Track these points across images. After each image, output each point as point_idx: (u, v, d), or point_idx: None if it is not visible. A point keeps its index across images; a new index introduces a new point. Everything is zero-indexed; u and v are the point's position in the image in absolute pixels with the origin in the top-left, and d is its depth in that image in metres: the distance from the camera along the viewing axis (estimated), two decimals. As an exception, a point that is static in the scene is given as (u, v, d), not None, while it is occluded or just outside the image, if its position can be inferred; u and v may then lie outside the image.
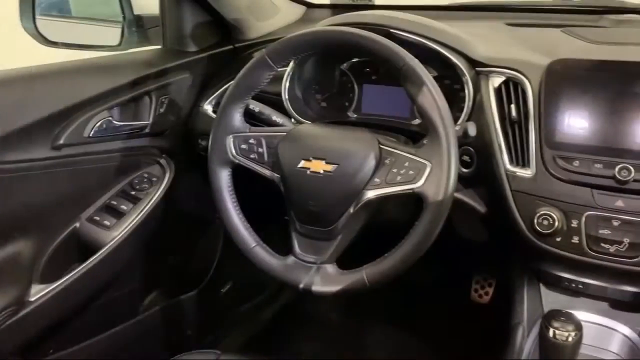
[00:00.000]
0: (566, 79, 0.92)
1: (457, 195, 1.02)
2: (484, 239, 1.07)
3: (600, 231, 0.86)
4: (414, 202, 0.85)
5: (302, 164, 0.90)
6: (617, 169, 0.85)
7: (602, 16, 1.21)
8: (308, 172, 0.89)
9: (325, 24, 1.11)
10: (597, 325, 1.02)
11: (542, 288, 1.07)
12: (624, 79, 0.89)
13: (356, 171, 0.87)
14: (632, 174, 0.84)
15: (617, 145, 0.87)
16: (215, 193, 0.98)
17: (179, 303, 1.45)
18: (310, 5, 1.50)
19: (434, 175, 0.82)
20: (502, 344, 1.04)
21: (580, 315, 1.02)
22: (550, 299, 1.06)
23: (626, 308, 1.02)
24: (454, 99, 1.04)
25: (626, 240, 0.84)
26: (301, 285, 0.91)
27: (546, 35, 1.13)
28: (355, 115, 1.19)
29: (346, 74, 1.19)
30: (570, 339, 0.80)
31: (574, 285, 1.02)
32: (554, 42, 1.07)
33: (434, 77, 1.08)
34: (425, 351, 1.53)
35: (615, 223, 0.85)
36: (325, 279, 0.90)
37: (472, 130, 0.92)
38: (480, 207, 1.00)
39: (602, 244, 0.85)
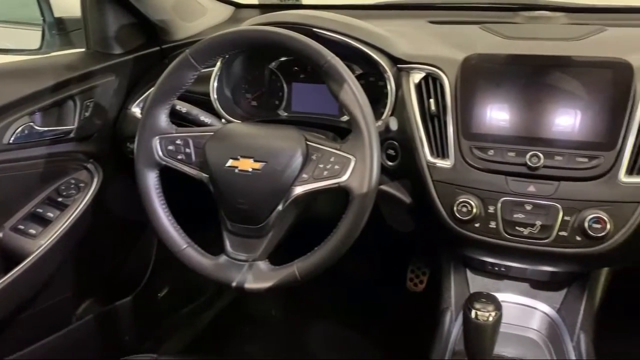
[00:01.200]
0: (480, 73, 0.96)
1: (384, 187, 1.06)
2: (411, 228, 1.11)
3: (515, 215, 0.91)
4: (344, 195, 0.88)
5: (230, 162, 0.91)
6: (528, 156, 0.91)
7: (517, 13, 1.27)
8: (236, 170, 0.90)
9: (249, 23, 1.12)
10: (519, 305, 1.09)
11: (469, 273, 1.13)
12: (534, 71, 0.95)
13: (284, 168, 0.88)
14: (542, 161, 0.90)
15: (528, 134, 0.93)
16: (143, 196, 0.97)
17: (114, 310, 1.42)
18: (239, 6, 1.50)
19: (358, 169, 0.85)
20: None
21: (504, 296, 1.09)
22: (477, 283, 1.12)
23: (545, 287, 1.09)
24: (379, 95, 1.07)
25: (538, 222, 0.90)
26: (234, 284, 0.91)
27: (465, 32, 1.18)
28: (285, 114, 1.21)
29: (275, 72, 1.20)
30: (490, 318, 0.84)
31: (497, 268, 1.08)
32: (472, 38, 1.12)
33: (359, 75, 1.13)
34: (365, 342, 1.56)
35: (528, 207, 0.91)
36: (258, 276, 0.91)
37: (393, 124, 0.95)
38: (406, 198, 1.04)
39: (517, 227, 0.91)
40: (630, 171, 0.88)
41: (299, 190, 0.89)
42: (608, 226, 0.86)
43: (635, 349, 1.35)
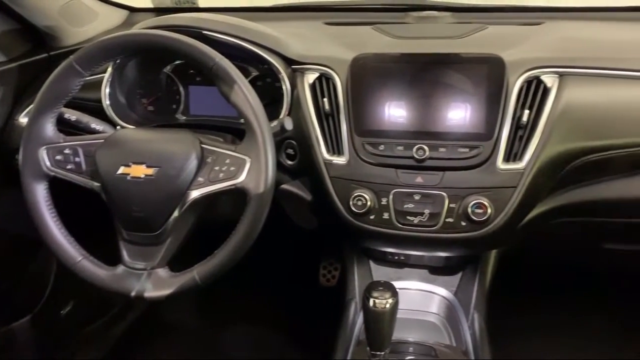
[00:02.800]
0: (368, 72, 1.00)
1: (285, 186, 1.08)
2: (315, 225, 1.14)
3: (405, 206, 0.96)
4: (243, 197, 0.88)
5: (122, 170, 0.89)
6: (414, 149, 0.96)
7: (407, 13, 1.33)
8: (128, 177, 0.88)
9: (139, 27, 1.10)
10: (419, 291, 1.14)
11: (372, 264, 1.17)
12: (419, 69, 1.00)
13: (178, 172, 0.88)
14: (427, 153, 0.95)
15: (414, 128, 0.98)
16: (32, 209, 0.93)
17: (10, 331, 1.34)
18: (133, 10, 1.47)
19: (254, 169, 0.86)
20: None
21: (405, 284, 1.14)
22: (380, 273, 1.16)
23: (442, 273, 1.15)
24: (276, 96, 1.09)
25: (427, 211, 0.95)
26: (133, 293, 0.90)
27: (358, 33, 1.22)
28: (184, 118, 1.19)
29: (171, 76, 1.18)
30: (388, 305, 0.88)
31: (396, 257, 1.13)
32: (364, 38, 1.16)
33: (255, 76, 1.14)
34: (280, 340, 1.58)
35: (417, 197, 0.96)
36: (157, 284, 0.90)
37: (288, 124, 0.97)
38: (307, 195, 1.06)
39: (408, 217, 0.96)
40: (506, 159, 0.95)
41: (195, 194, 0.88)
42: (489, 210, 0.92)
43: (523, 325, 1.47)
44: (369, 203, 0.96)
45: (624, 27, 1.22)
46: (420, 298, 1.13)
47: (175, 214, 0.89)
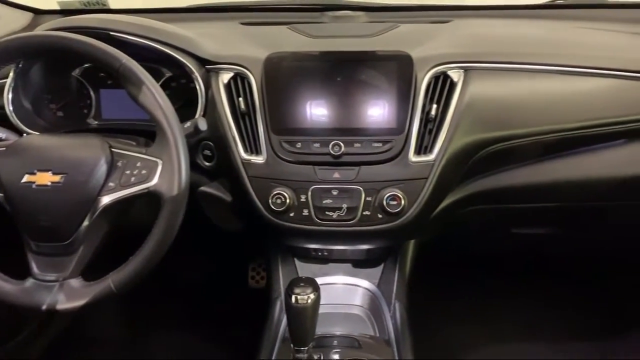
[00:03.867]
0: (282, 71, 1.01)
1: (204, 188, 1.07)
2: (238, 226, 1.13)
3: (324, 201, 0.97)
4: (158, 201, 0.86)
5: (26, 178, 0.85)
6: (330, 146, 0.97)
7: (323, 13, 1.35)
8: (34, 186, 0.84)
9: (43, 28, 1.06)
10: (344, 285, 1.17)
11: (297, 262, 1.18)
12: (333, 67, 1.02)
13: (87, 178, 0.85)
14: (343, 149, 0.97)
15: (330, 125, 1.00)
16: None
17: None
18: (38, 12, 1.40)
19: (166, 172, 0.84)
20: None
21: (331, 279, 1.16)
22: (305, 270, 1.17)
23: (365, 265, 1.17)
24: (192, 97, 1.07)
25: (344, 205, 0.97)
26: (44, 307, 0.86)
27: (274, 32, 1.23)
28: (96, 122, 1.15)
29: (80, 80, 1.14)
30: (309, 301, 0.89)
31: (320, 253, 1.14)
32: (280, 38, 1.17)
33: (169, 78, 1.12)
34: (210, 344, 1.56)
35: (335, 192, 0.97)
36: (70, 295, 0.86)
37: (202, 125, 0.96)
38: (226, 197, 1.06)
39: (327, 212, 0.97)
40: (417, 151, 0.98)
41: (106, 200, 0.86)
42: (403, 202, 0.96)
43: (445, 310, 1.53)
44: (288, 201, 0.97)
45: (525, 24, 1.30)
46: (345, 292, 1.15)
47: (86, 221, 0.86)
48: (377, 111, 1.00)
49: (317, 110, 1.00)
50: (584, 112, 1.03)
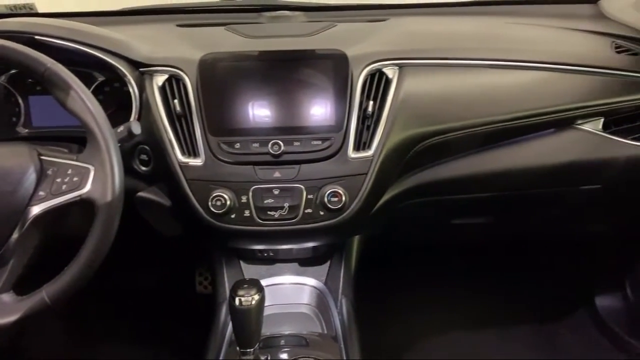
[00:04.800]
0: (218, 71, 1.00)
1: (142, 194, 1.04)
2: (180, 231, 1.11)
3: (265, 201, 0.97)
4: (92, 208, 0.84)
5: (-50, 190, 0.80)
6: (269, 145, 0.97)
7: (260, 14, 1.34)
8: None
9: (-39, 34, 1.00)
10: (291, 284, 1.16)
11: (242, 264, 1.17)
12: (270, 66, 1.02)
13: (15, 188, 0.81)
14: (282, 148, 0.97)
15: (269, 124, 1.00)
16: None
17: None
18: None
19: (99, 178, 0.82)
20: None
21: (278, 279, 1.15)
22: (251, 272, 1.16)
23: (312, 263, 1.17)
24: (126, 100, 1.05)
25: (286, 204, 0.97)
26: None
27: (210, 34, 1.22)
28: (26, 130, 1.11)
29: (7, 87, 1.09)
30: (254, 302, 0.88)
31: (265, 254, 1.14)
32: (216, 39, 1.16)
33: (102, 82, 1.09)
34: (159, 354, 1.52)
35: (276, 192, 0.97)
36: (1, 310, 0.82)
37: (136, 128, 0.94)
38: (165, 201, 1.04)
39: (269, 212, 0.97)
40: (356, 148, 0.99)
41: (36, 209, 0.82)
42: (344, 198, 0.96)
43: (389, 303, 1.56)
44: (228, 202, 0.96)
45: (457, 21, 1.34)
46: (292, 291, 1.15)
47: (16, 233, 0.82)
48: (315, 109, 1.00)
49: (255, 110, 1.00)
50: (514, 103, 1.07)
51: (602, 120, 1.11)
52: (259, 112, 1.00)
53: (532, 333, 1.60)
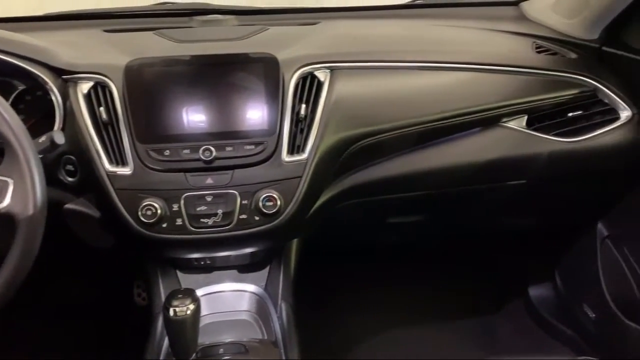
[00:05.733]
0: (145, 78, 0.98)
1: (70, 205, 1.01)
2: (111, 243, 1.08)
3: (198, 208, 0.95)
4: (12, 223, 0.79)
5: None
6: (200, 151, 0.95)
7: (191, 18, 1.32)
8: None
9: None
10: (231, 292, 1.15)
11: (179, 273, 1.14)
12: (200, 71, 1.00)
13: None
14: (214, 153, 0.96)
15: (199, 130, 0.98)
16: None
17: None
18: None
19: (19, 191, 0.78)
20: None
21: (217, 287, 1.14)
22: (189, 281, 1.14)
23: (251, 270, 1.16)
24: (50, 109, 1.01)
25: (220, 211, 0.95)
26: None
27: (139, 39, 1.18)
28: None
29: None
30: (189, 312, 0.86)
31: (202, 262, 1.12)
32: (145, 44, 1.13)
33: (23, 90, 1.04)
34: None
35: (209, 198, 0.96)
36: None
37: (59, 138, 0.90)
38: (94, 212, 1.00)
39: (202, 220, 0.95)
40: (290, 151, 0.99)
41: None
42: (279, 202, 0.96)
43: (330, 304, 1.57)
44: (159, 211, 0.93)
45: (388, 24, 1.37)
46: (232, 299, 1.14)
47: None
48: (248, 113, 0.99)
49: (184, 116, 0.98)
50: (442, 104, 1.10)
51: (526, 117, 1.15)
52: (189, 117, 0.98)
53: (471, 324, 1.65)
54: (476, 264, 1.77)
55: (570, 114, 1.17)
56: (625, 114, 1.17)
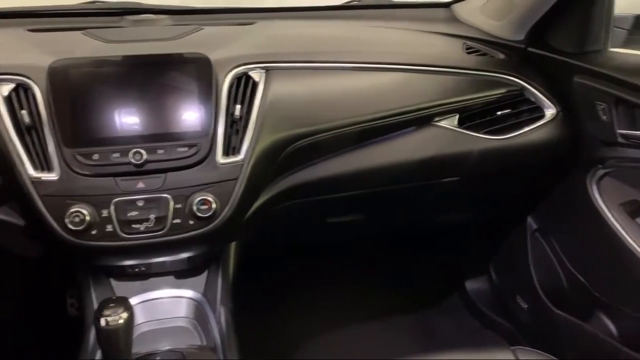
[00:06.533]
0: (71, 79, 0.94)
1: None
2: (38, 252, 1.03)
3: (129, 214, 0.92)
4: None
5: None
6: (130, 154, 0.92)
7: (122, 17, 1.28)
8: None
9: None
10: (168, 298, 1.12)
11: (113, 282, 1.10)
12: (129, 71, 0.97)
13: None
14: (145, 157, 0.93)
15: (129, 133, 0.95)
16: None
17: None
18: None
19: None
20: None
21: (153, 294, 1.10)
22: (123, 289, 1.10)
23: (189, 275, 1.14)
24: None
25: (152, 216, 0.93)
26: None
27: (66, 39, 1.14)
28: None
29: None
30: (121, 321, 0.83)
31: (137, 269, 1.08)
32: (73, 44, 1.09)
33: None
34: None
35: (140, 203, 0.93)
36: None
37: None
38: (19, 221, 0.96)
39: (133, 225, 0.92)
40: (226, 153, 0.98)
41: None
42: (214, 205, 0.94)
43: (271, 307, 1.56)
44: (88, 218, 0.90)
45: (324, 24, 1.37)
46: (169, 305, 1.11)
47: None
48: (180, 115, 0.97)
49: (114, 118, 0.94)
50: (377, 104, 1.11)
51: (457, 116, 1.18)
52: (119, 120, 0.95)
53: (411, 321, 1.69)
54: (415, 261, 1.81)
55: (499, 113, 1.21)
56: (550, 111, 1.23)
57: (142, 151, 0.93)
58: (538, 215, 1.44)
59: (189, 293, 1.12)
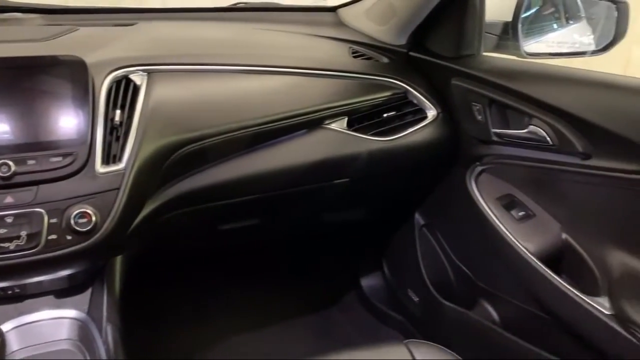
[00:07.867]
0: None
1: None
2: None
3: None
4: None
5: None
6: None
7: (-14, 17, 1.17)
8: None
9: None
10: (48, 320, 1.03)
11: None
12: None
13: None
14: (13, 168, 0.85)
15: None
16: None
17: None
18: None
19: None
20: None
21: (30, 317, 1.01)
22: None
23: (71, 294, 1.05)
24: None
25: (23, 233, 0.84)
26: None
27: None
28: None
29: None
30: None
31: (10, 291, 0.98)
32: None
33: None
34: None
35: (9, 219, 0.84)
36: None
37: None
38: None
39: (1, 244, 0.83)
40: (105, 161, 0.91)
41: None
42: (94, 218, 0.88)
43: (164, 319, 1.51)
44: None
45: (209, 26, 1.35)
46: (50, 328, 1.02)
47: None
48: (53, 122, 0.90)
49: None
50: (266, 108, 1.10)
51: (346, 119, 1.21)
52: None
53: (310, 320, 1.70)
54: (312, 262, 1.83)
55: (385, 115, 1.25)
56: (431, 113, 1.29)
57: (10, 162, 0.84)
58: (424, 212, 1.51)
59: (71, 313, 1.04)
